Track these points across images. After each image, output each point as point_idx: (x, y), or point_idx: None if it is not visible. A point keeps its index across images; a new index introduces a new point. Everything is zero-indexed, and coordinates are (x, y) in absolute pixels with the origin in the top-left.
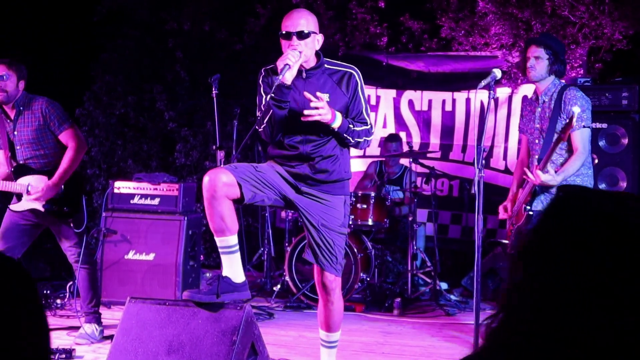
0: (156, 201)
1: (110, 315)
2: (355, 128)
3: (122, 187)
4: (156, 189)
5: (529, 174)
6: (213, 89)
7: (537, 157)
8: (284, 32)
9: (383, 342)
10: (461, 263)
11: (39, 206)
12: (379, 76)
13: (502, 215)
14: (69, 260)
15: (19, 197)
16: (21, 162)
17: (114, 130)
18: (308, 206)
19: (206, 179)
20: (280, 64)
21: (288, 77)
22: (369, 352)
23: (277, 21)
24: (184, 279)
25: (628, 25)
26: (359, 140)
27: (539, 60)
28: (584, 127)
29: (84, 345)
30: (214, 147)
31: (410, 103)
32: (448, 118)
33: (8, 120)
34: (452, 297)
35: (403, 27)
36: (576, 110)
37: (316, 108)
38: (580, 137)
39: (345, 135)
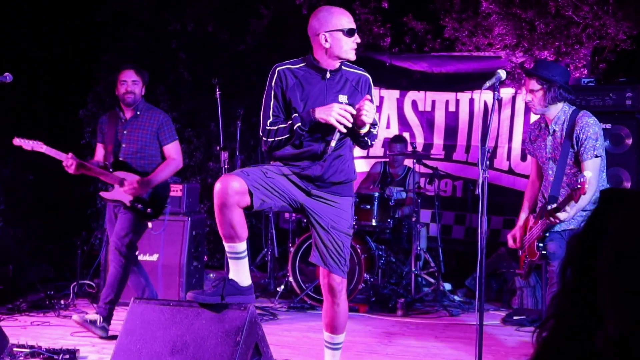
0: None
1: (115, 316)
2: (373, 130)
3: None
4: None
5: (550, 219)
6: (216, 90)
7: (549, 194)
8: (347, 29)
9: (386, 343)
10: (465, 264)
11: (126, 200)
12: (383, 77)
13: (511, 244)
14: (111, 252)
15: (110, 187)
16: (121, 159)
17: None
18: (318, 209)
19: (218, 185)
20: (330, 119)
21: (333, 144)
22: (373, 352)
23: (280, 22)
24: (188, 280)
25: (632, 25)
26: (374, 142)
27: (534, 93)
28: (595, 156)
29: (79, 329)
30: (218, 147)
31: (414, 103)
32: (451, 118)
33: (122, 120)
34: (456, 297)
35: (406, 27)
36: (587, 175)
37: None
38: (592, 167)
39: (367, 138)
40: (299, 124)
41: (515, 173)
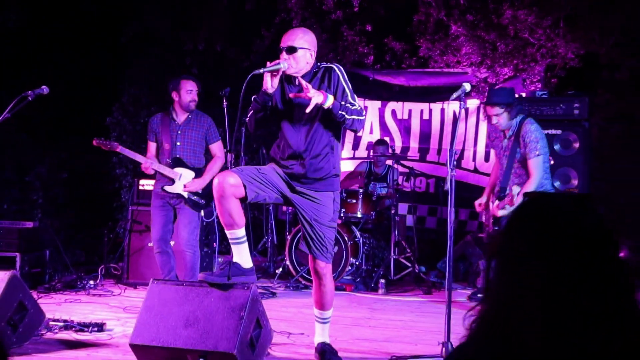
0: None
1: (136, 294)
2: (347, 106)
3: (146, 184)
4: None
5: (495, 211)
6: (224, 101)
7: (501, 185)
8: (279, 48)
9: (370, 317)
10: (437, 249)
11: (184, 193)
12: (366, 89)
13: (477, 208)
14: (180, 243)
15: (172, 181)
16: (178, 156)
17: (139, 136)
18: (302, 204)
19: (216, 180)
20: (264, 69)
21: (268, 84)
22: (358, 325)
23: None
24: (200, 263)
25: (579, 46)
26: (353, 117)
27: (499, 117)
28: (537, 155)
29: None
30: (225, 150)
31: (393, 112)
32: (425, 125)
33: (175, 122)
34: (429, 278)
35: (387, 47)
36: (515, 190)
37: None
38: (535, 165)
39: (340, 112)
40: (255, 96)
41: (479, 172)
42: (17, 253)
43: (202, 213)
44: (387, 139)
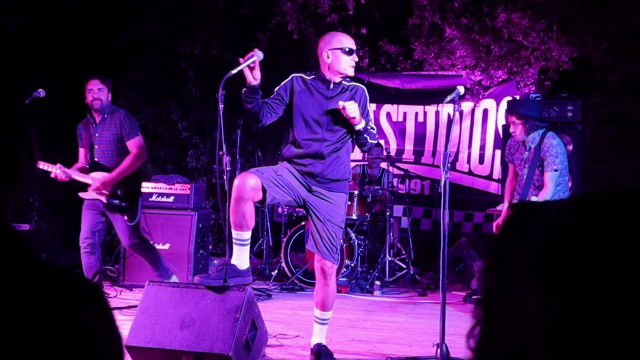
0: (171, 199)
1: (132, 296)
2: (371, 131)
3: (142, 187)
4: (171, 188)
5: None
6: (220, 104)
7: (520, 196)
8: (347, 49)
9: (365, 319)
10: (431, 251)
11: (102, 198)
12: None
13: (495, 231)
14: (127, 248)
15: (86, 188)
16: (96, 159)
17: None
18: (316, 203)
19: (237, 181)
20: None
21: (249, 77)
22: (353, 327)
23: (275, 45)
24: (195, 265)
25: (573, 49)
26: (373, 141)
27: (516, 125)
28: (554, 170)
29: None
30: (221, 152)
31: (388, 115)
32: (420, 128)
33: (93, 124)
34: (424, 280)
35: (382, 50)
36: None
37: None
38: (550, 178)
39: (365, 135)
40: (244, 89)
41: (474, 174)
42: None
43: (125, 217)
44: (382, 141)
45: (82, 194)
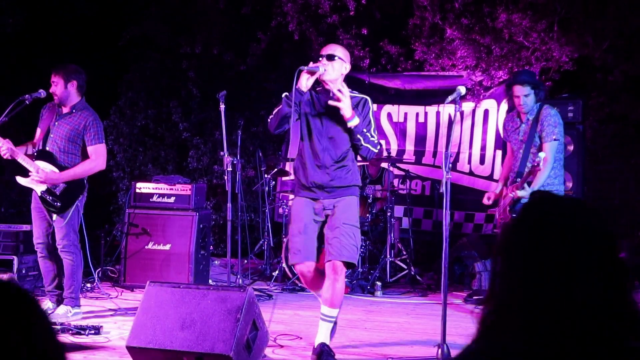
0: (172, 199)
1: (133, 297)
2: (367, 135)
3: (143, 187)
4: (172, 189)
5: (513, 193)
6: (220, 104)
7: (517, 170)
8: (320, 55)
9: (366, 319)
10: (432, 252)
11: (37, 189)
12: (362, 93)
13: (485, 202)
14: (58, 249)
15: (27, 174)
16: (47, 148)
17: (136, 139)
18: (331, 220)
19: (300, 275)
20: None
21: (303, 83)
22: (354, 327)
23: (275, 46)
24: (196, 266)
25: (573, 49)
26: (368, 145)
27: (528, 97)
28: (554, 139)
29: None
30: (222, 153)
31: (389, 115)
32: (421, 128)
33: (58, 113)
34: (424, 280)
35: (382, 50)
36: (542, 155)
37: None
38: (550, 148)
39: (359, 135)
40: (286, 93)
41: (474, 174)
42: (14, 256)
43: (54, 217)
44: (382, 141)
45: (19, 179)
